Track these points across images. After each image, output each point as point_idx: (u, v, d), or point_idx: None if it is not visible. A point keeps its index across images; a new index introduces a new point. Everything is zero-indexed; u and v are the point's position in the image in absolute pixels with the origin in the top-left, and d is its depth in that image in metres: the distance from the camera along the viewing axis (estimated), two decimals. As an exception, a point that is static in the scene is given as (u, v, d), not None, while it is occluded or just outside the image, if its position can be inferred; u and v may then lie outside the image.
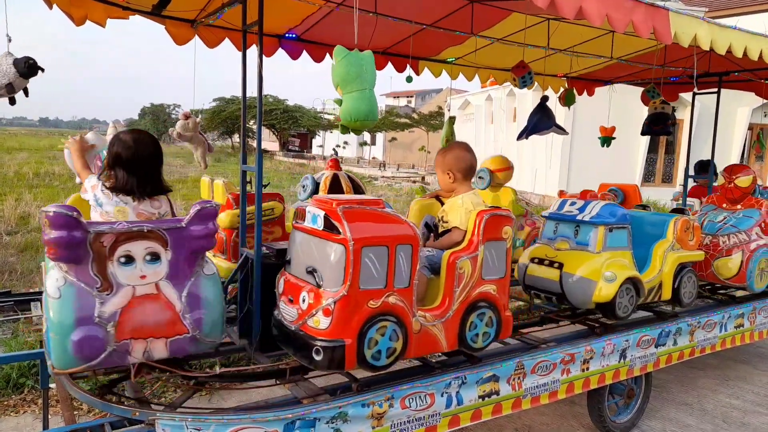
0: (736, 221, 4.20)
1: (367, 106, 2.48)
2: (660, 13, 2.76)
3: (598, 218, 3.34)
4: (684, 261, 3.69)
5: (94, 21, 3.45)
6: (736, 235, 4.13)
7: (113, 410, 2.26)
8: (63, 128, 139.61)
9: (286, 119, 40.84)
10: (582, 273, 3.25)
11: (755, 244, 4.09)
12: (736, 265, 4.06)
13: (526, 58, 4.73)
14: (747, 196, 4.34)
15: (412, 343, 2.42)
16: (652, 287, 3.55)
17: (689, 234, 3.73)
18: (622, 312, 3.30)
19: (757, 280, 4.10)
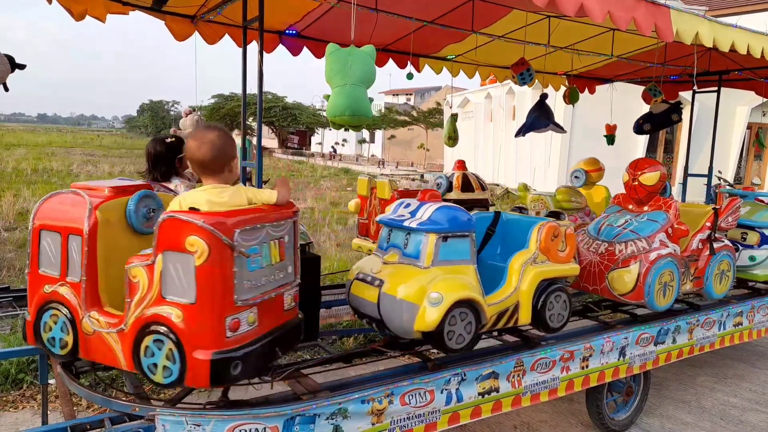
0: (637, 226, 3.55)
1: (345, 102, 2.48)
2: (661, 11, 2.76)
3: (429, 224, 2.61)
4: (549, 276, 2.94)
5: (94, 16, 3.44)
6: (634, 243, 3.45)
7: (113, 406, 2.26)
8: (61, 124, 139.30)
9: (285, 116, 40.80)
10: (402, 294, 2.52)
11: (656, 254, 3.39)
12: (633, 279, 3.38)
13: (526, 56, 4.73)
14: (654, 196, 3.70)
15: (84, 343, 2.22)
16: (505, 309, 2.82)
17: (558, 243, 2.99)
18: (455, 343, 2.57)
19: (658, 296, 3.41)
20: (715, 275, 3.84)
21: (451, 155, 24.79)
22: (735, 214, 4.08)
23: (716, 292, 3.86)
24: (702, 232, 3.84)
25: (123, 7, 3.53)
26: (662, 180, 3.69)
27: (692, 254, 3.78)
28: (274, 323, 2.28)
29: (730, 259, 3.91)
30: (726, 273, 3.91)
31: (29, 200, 10.15)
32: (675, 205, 3.58)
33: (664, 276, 3.41)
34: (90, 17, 3.43)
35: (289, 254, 2.35)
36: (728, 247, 3.92)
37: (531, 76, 4.78)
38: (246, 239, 2.05)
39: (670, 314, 3.82)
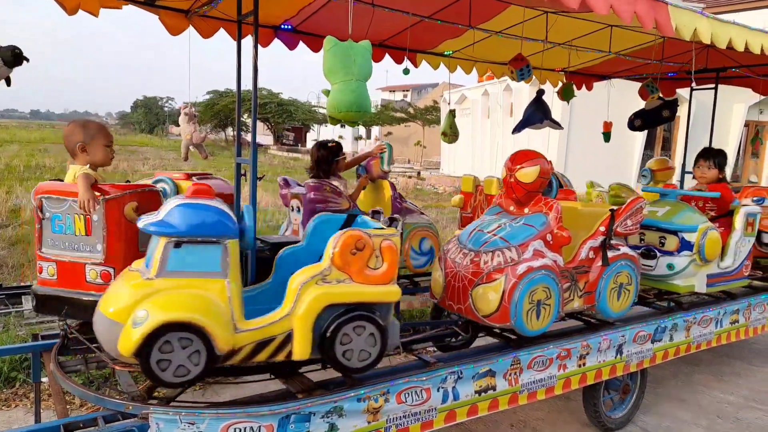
0: (509, 232, 2.97)
1: (352, 98, 2.44)
2: (660, 6, 2.75)
3: (159, 225, 2.14)
4: (339, 300, 2.25)
5: (87, 10, 3.39)
6: (502, 252, 2.87)
7: (106, 404, 2.23)
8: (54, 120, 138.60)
9: (280, 113, 40.64)
10: (109, 310, 2.12)
11: (525, 266, 2.80)
12: (498, 297, 2.78)
13: (524, 52, 4.70)
14: (534, 196, 3.11)
15: None
16: (269, 338, 2.21)
17: (365, 258, 2.28)
18: (172, 375, 2.05)
19: (528, 318, 2.82)
20: (611, 290, 3.19)
21: (449, 152, 24.78)
22: (636, 217, 3.32)
23: (612, 309, 3.23)
24: (594, 238, 3.17)
25: (116, 1, 3.48)
26: (543, 176, 3.06)
27: (581, 265, 3.12)
28: (76, 286, 2.71)
29: (631, 271, 3.26)
30: (626, 287, 3.25)
31: (22, 197, 10.08)
32: (556, 206, 3.00)
33: (536, 293, 2.81)
34: (83, 11, 3.39)
35: (98, 234, 2.67)
36: (627, 256, 3.23)
37: (529, 72, 4.76)
38: (50, 206, 2.74)
39: (667, 312, 3.82)
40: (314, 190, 3.61)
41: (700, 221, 3.78)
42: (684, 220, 3.81)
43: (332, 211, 3.32)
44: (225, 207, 2.25)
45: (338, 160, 3.80)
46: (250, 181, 3.11)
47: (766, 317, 4.46)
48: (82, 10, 3.38)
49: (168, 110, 54.22)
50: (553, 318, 2.96)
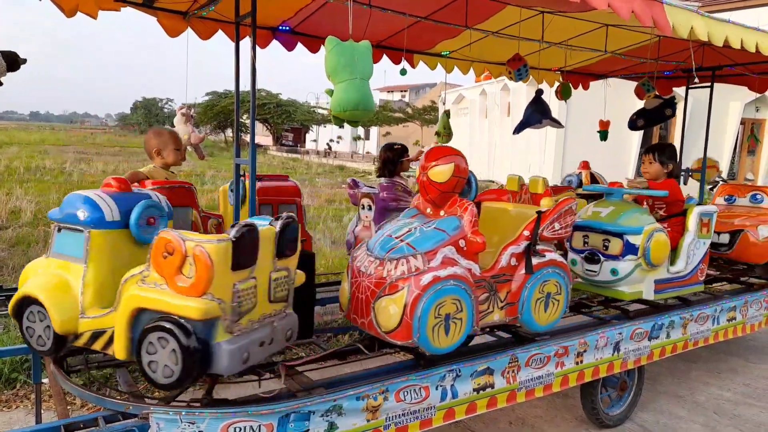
0: (417, 237, 2.61)
1: (356, 96, 2.46)
2: (656, 5, 2.77)
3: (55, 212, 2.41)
4: (146, 306, 2.07)
5: (85, 12, 3.41)
6: (407, 260, 2.52)
7: (106, 404, 2.24)
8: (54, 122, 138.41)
9: (279, 113, 40.65)
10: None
11: (431, 276, 2.45)
12: (399, 310, 2.43)
13: (520, 52, 4.73)
14: (450, 197, 2.75)
15: None
16: (101, 330, 2.21)
17: (176, 264, 2.01)
18: (35, 343, 2.33)
19: (433, 335, 2.47)
20: (536, 300, 2.87)
21: (446, 152, 24.72)
22: (565, 219, 2.98)
23: (538, 321, 2.91)
24: (516, 243, 2.84)
25: (114, 2, 3.49)
26: (459, 175, 2.73)
27: (501, 273, 2.79)
28: None
29: (560, 279, 2.94)
30: (554, 297, 2.93)
31: (21, 199, 10.09)
32: (471, 209, 2.66)
33: (444, 306, 2.48)
34: (81, 13, 3.40)
35: None
36: (555, 263, 2.92)
37: (527, 72, 4.79)
38: None
39: (664, 309, 3.84)
40: (386, 190, 3.91)
41: (646, 222, 3.46)
42: (628, 221, 3.48)
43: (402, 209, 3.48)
44: (103, 199, 2.33)
45: (402, 161, 4.11)
46: (249, 182, 3.13)
47: (762, 314, 4.48)
48: (80, 12, 3.39)
49: (168, 111, 54.20)
50: (466, 333, 2.61)
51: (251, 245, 2.15)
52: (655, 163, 4.06)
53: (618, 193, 3.76)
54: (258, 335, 2.22)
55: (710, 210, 3.87)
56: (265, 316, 2.28)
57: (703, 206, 3.85)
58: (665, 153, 4.02)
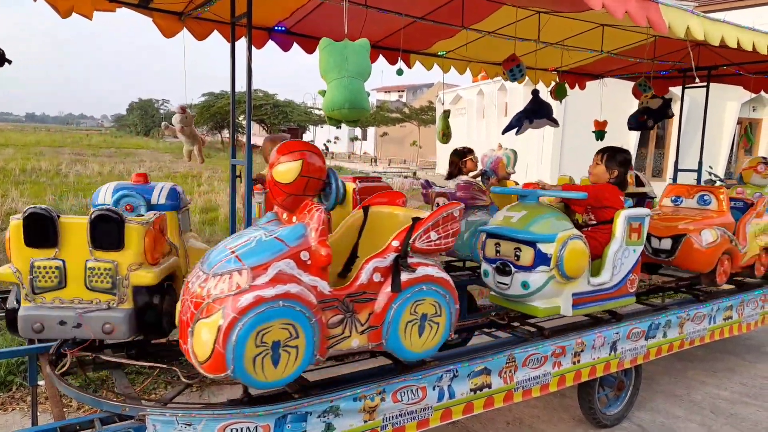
0: (251, 248, 2.21)
1: (344, 95, 2.46)
2: (651, 5, 2.77)
3: None
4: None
5: (81, 13, 3.40)
6: (230, 277, 2.12)
7: (103, 406, 2.24)
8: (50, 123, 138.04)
9: (276, 114, 40.60)
10: None
11: (252, 297, 2.05)
12: (211, 338, 2.03)
13: (517, 52, 4.73)
14: (301, 201, 2.38)
15: None
16: None
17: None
18: None
19: (254, 367, 2.06)
20: (406, 323, 2.38)
21: (445, 152, 24.81)
22: (445, 228, 2.47)
23: (410, 347, 2.42)
24: (382, 255, 2.36)
25: (110, 3, 3.49)
26: (309, 175, 2.34)
27: (361, 291, 2.32)
28: None
29: (440, 298, 2.45)
30: (431, 319, 2.44)
31: (17, 201, 10.05)
32: (318, 215, 2.25)
33: (270, 332, 2.07)
34: (76, 14, 3.39)
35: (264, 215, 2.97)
36: (433, 279, 2.43)
37: (522, 72, 4.78)
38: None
39: (661, 309, 3.85)
40: (463, 189, 4.16)
41: (560, 228, 3.03)
42: (540, 227, 3.05)
43: (477, 206, 3.72)
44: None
45: (465, 161, 4.45)
46: (245, 183, 3.13)
47: (758, 313, 4.49)
48: (75, 13, 3.39)
49: (164, 112, 54.06)
50: (304, 363, 2.18)
51: (43, 229, 2.44)
52: (600, 165, 3.60)
53: (533, 195, 3.32)
54: (58, 314, 2.45)
55: (640, 213, 3.37)
56: (79, 300, 2.48)
57: (632, 209, 3.39)
58: (615, 158, 3.57)
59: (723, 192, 4.36)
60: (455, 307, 2.53)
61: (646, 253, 4.09)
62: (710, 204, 4.40)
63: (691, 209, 4.46)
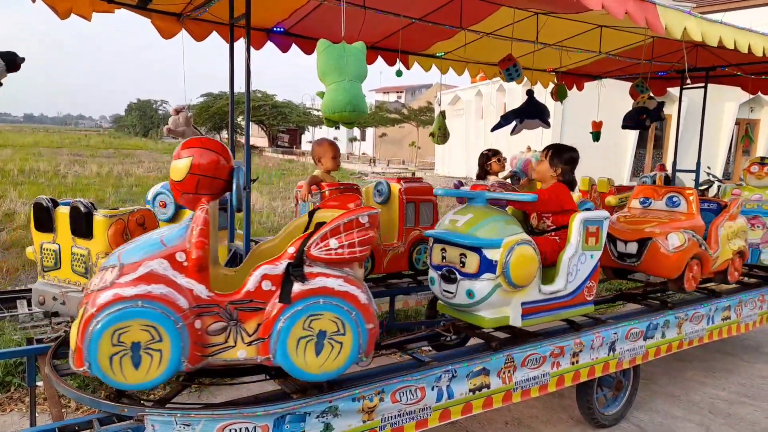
0: (135, 245, 2.23)
1: (346, 98, 2.47)
2: (649, 7, 2.78)
3: None
4: None
5: (79, 14, 3.40)
6: (106, 272, 2.15)
7: (102, 406, 2.24)
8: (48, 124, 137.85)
9: (274, 115, 40.61)
10: None
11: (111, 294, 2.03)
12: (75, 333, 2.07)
13: (515, 53, 4.75)
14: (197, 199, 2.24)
15: None
16: None
17: None
18: None
19: (111, 367, 2.02)
20: (298, 339, 2.16)
21: (443, 153, 24.83)
22: (349, 237, 2.21)
23: (304, 368, 2.18)
24: (274, 262, 2.20)
25: (108, 5, 3.49)
26: (200, 173, 2.21)
27: (247, 299, 2.18)
28: None
29: (344, 315, 2.19)
30: (332, 338, 2.19)
31: (15, 201, 10.04)
32: (199, 215, 2.17)
33: (129, 332, 2.00)
34: (75, 15, 3.40)
35: None
36: (332, 292, 2.19)
37: (518, 72, 4.79)
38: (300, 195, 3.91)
39: (660, 308, 3.85)
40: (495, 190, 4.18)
41: (507, 233, 2.81)
42: (485, 231, 2.81)
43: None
44: None
45: (490, 163, 4.57)
46: (245, 182, 3.12)
47: (757, 313, 4.50)
48: (74, 14, 3.39)
49: (162, 113, 54.03)
50: (170, 368, 2.06)
51: (44, 215, 2.96)
52: (544, 162, 3.37)
53: (480, 197, 3.05)
54: (53, 290, 2.96)
55: (598, 216, 3.15)
56: (67, 280, 2.95)
57: (590, 212, 3.17)
58: (561, 155, 3.34)
59: (692, 193, 4.10)
60: (367, 327, 2.21)
61: (612, 258, 3.92)
62: (679, 206, 4.12)
63: (660, 211, 4.17)
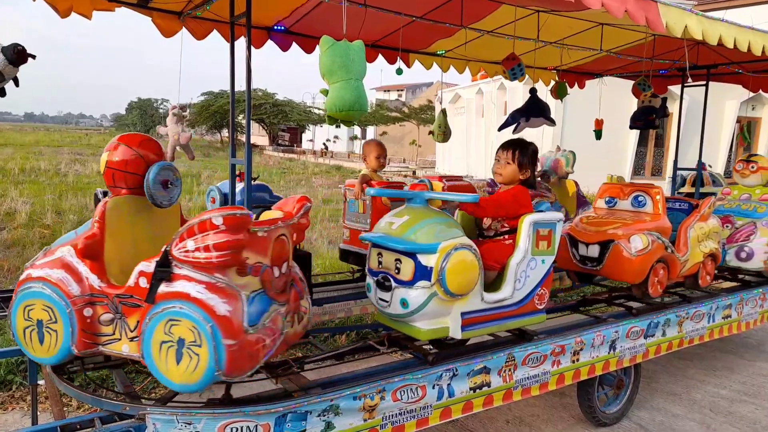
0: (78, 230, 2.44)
1: (352, 96, 2.47)
2: (649, 5, 2.78)
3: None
4: None
5: (80, 13, 3.40)
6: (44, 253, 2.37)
7: (103, 405, 2.24)
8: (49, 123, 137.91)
9: (275, 113, 40.59)
10: None
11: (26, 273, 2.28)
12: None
13: (516, 51, 4.74)
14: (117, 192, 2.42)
15: None
16: None
17: None
18: None
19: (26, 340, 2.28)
20: (160, 343, 2.05)
21: (444, 151, 24.82)
22: (204, 239, 2.00)
23: (164, 372, 2.06)
24: (150, 259, 2.12)
25: (108, 3, 3.49)
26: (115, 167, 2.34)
27: (129, 294, 2.16)
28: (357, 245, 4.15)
29: (198, 324, 1.98)
30: (189, 347, 2.01)
31: (17, 200, 10.05)
32: (100, 207, 2.29)
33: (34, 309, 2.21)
34: (75, 14, 3.39)
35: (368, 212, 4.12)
36: (188, 298, 2.01)
37: (522, 71, 4.79)
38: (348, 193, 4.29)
39: (660, 307, 3.85)
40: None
41: (444, 237, 2.54)
42: (421, 235, 2.55)
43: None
44: None
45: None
46: (245, 182, 3.13)
47: (758, 312, 4.50)
48: (74, 13, 3.39)
49: (163, 112, 54.03)
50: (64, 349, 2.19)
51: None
52: (512, 165, 3.04)
53: (419, 197, 2.76)
54: None
55: (550, 219, 2.91)
56: None
57: (541, 214, 2.91)
58: (527, 154, 3.05)
59: (658, 192, 3.85)
60: (224, 342, 1.98)
61: (574, 262, 3.77)
62: (645, 206, 3.88)
63: (625, 212, 3.94)
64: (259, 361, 2.16)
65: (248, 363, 2.11)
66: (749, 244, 4.40)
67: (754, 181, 4.74)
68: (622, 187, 4.06)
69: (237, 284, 2.08)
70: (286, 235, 2.35)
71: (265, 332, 2.15)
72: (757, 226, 4.43)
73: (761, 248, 4.38)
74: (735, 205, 4.66)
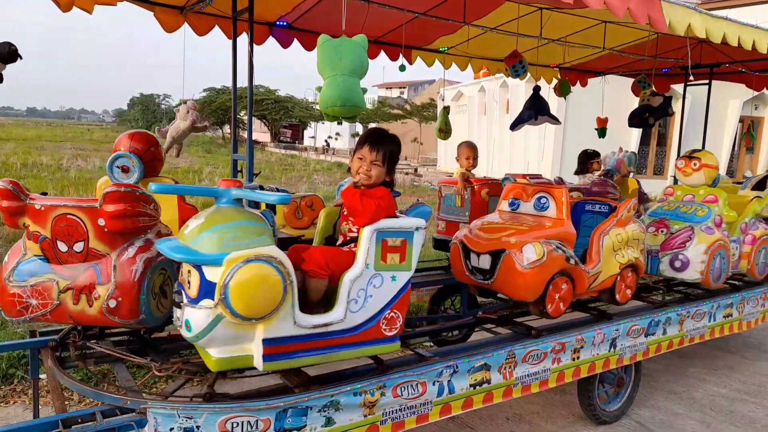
0: None
1: (337, 92, 2.48)
2: (653, 3, 2.77)
3: None
4: None
5: (81, 7, 3.40)
6: None
7: (104, 399, 2.25)
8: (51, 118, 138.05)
9: (277, 110, 40.58)
10: None
11: None
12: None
13: (519, 48, 4.73)
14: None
15: None
16: None
17: None
18: None
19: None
20: None
21: (445, 149, 24.79)
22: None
23: None
24: None
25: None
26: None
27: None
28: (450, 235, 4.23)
29: None
30: None
31: (19, 195, 10.04)
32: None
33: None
34: (77, 8, 3.39)
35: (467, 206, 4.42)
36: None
37: (524, 69, 4.78)
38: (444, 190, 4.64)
39: (660, 306, 3.85)
40: (599, 185, 4.56)
41: (235, 246, 2.05)
42: (208, 242, 2.06)
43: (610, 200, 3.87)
44: None
45: (592, 162, 5.20)
46: (247, 178, 3.13)
47: (759, 311, 4.50)
48: (76, 7, 3.38)
49: (165, 108, 54.01)
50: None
51: None
52: (380, 167, 2.49)
53: (226, 195, 2.24)
54: None
55: (404, 226, 2.37)
56: None
57: (392, 220, 2.38)
58: (393, 155, 2.54)
59: (562, 193, 3.26)
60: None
61: (467, 274, 3.24)
62: (548, 209, 3.28)
63: (528, 215, 3.37)
64: (12, 313, 2.42)
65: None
66: (684, 252, 3.82)
67: (697, 180, 4.15)
68: (524, 187, 3.49)
69: (25, 244, 2.49)
70: (79, 218, 2.46)
71: (26, 291, 2.40)
72: (694, 231, 3.84)
73: (697, 257, 3.77)
74: (674, 207, 4.09)
